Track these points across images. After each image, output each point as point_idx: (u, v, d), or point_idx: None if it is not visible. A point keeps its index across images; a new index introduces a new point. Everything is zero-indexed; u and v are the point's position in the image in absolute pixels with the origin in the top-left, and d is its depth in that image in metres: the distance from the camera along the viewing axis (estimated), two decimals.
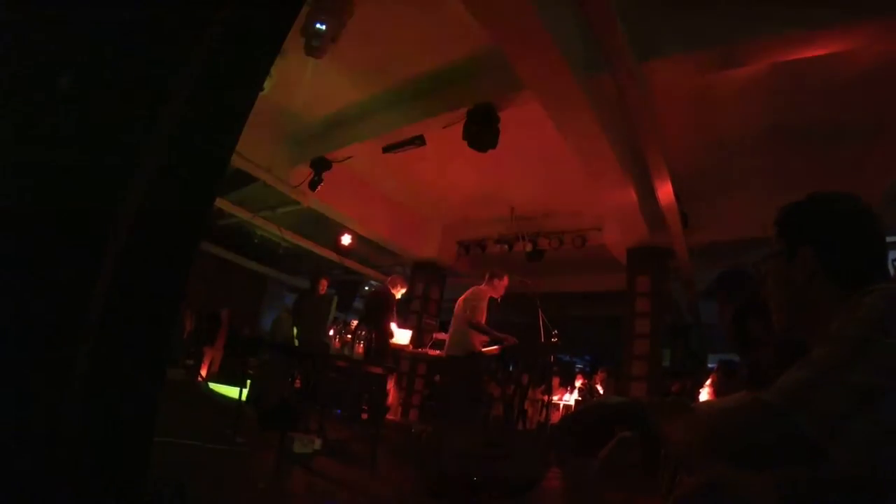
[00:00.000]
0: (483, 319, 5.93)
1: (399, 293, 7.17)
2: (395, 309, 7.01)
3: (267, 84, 5.73)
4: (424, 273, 11.17)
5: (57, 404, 1.06)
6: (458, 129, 5.94)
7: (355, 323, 6.00)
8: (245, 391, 6.77)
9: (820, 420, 0.85)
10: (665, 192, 6.78)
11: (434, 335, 8.76)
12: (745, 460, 0.90)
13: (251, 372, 7.61)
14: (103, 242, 1.13)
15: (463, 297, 6.22)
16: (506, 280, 6.32)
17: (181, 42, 1.24)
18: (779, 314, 1.23)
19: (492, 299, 6.15)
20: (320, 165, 7.88)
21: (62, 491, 1.03)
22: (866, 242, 1.13)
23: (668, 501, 0.83)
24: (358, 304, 15.01)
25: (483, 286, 6.25)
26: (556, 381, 10.53)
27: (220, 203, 9.14)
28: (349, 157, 7.82)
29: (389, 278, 7.30)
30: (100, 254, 1.12)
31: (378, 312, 6.84)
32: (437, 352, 7.63)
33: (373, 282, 14.08)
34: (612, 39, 4.37)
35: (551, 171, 7.83)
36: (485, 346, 5.96)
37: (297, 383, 6.89)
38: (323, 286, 7.16)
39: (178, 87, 1.24)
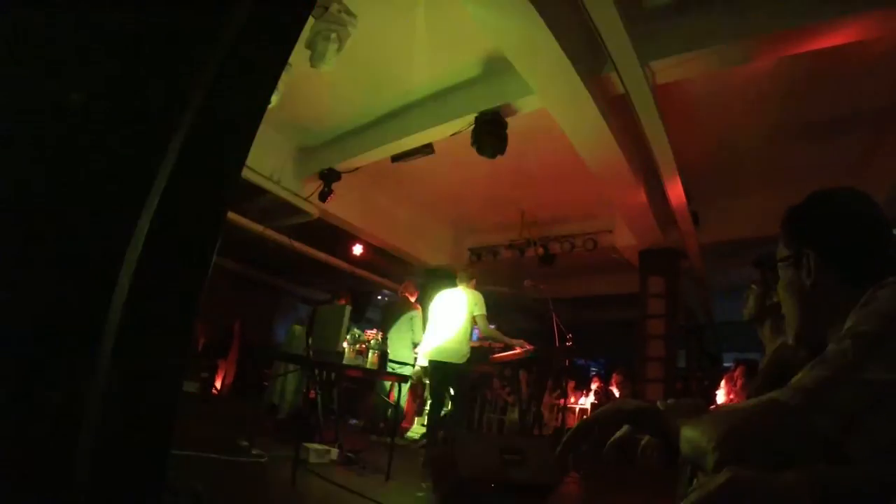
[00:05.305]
0: None
1: (413, 298, 7.15)
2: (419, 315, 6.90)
3: (274, 98, 5.77)
4: (437, 281, 11.16)
5: (72, 416, 1.06)
6: (467, 136, 5.96)
7: (369, 332, 5.98)
8: (260, 402, 6.79)
9: (837, 419, 0.84)
10: (675, 192, 6.75)
11: None
12: (765, 462, 0.89)
13: (266, 383, 7.63)
14: (115, 255, 1.14)
15: (454, 296, 5.74)
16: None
17: (187, 57, 1.25)
18: (793, 320, 1.22)
19: None
20: (330, 176, 7.94)
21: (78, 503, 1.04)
22: (869, 237, 1.10)
23: (688, 501, 0.82)
24: (371, 314, 15.03)
25: (472, 287, 5.80)
26: (571, 384, 10.48)
27: (230, 216, 9.20)
28: (358, 168, 7.85)
29: (402, 285, 7.28)
30: (113, 268, 1.13)
31: (391, 322, 6.82)
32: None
33: (386, 291, 14.10)
34: (616, 41, 4.37)
35: (561, 175, 7.82)
36: (497, 353, 5.91)
37: (312, 394, 6.90)
38: (342, 299, 7.18)
39: (185, 104, 1.25)
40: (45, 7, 1.12)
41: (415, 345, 6.83)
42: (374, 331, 6.06)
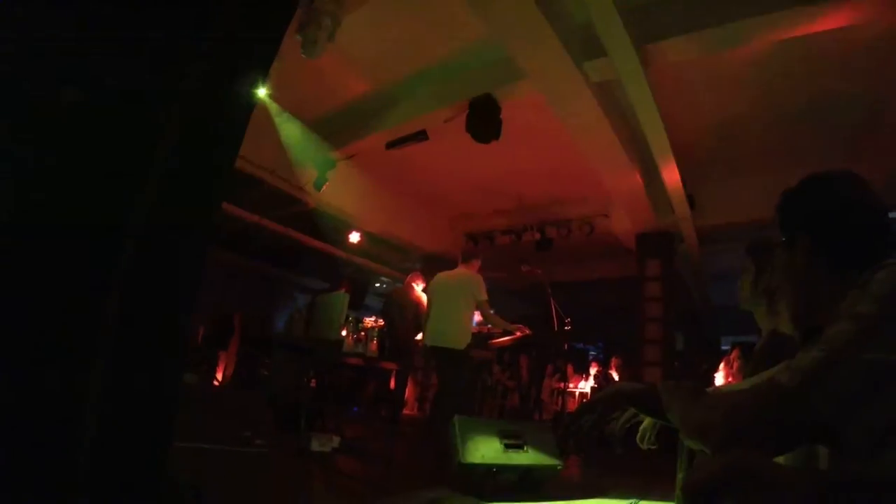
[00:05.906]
0: None
1: (419, 287, 7.15)
2: (417, 304, 6.88)
3: (267, 87, 5.75)
4: (434, 267, 11.14)
5: (74, 410, 1.07)
6: (461, 121, 5.93)
7: (368, 320, 5.96)
8: (261, 392, 6.81)
9: (835, 401, 0.84)
10: (671, 175, 6.75)
11: None
12: (763, 443, 0.89)
13: (266, 373, 7.64)
14: (113, 250, 1.14)
15: (455, 279, 5.53)
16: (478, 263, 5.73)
17: (179, 47, 1.24)
18: (788, 303, 1.21)
19: None
20: (324, 164, 7.90)
21: (81, 497, 1.04)
22: (864, 221, 1.10)
23: (686, 483, 0.82)
24: (370, 301, 15.04)
25: (472, 268, 5.61)
26: (570, 368, 10.52)
27: (226, 206, 9.15)
28: (353, 155, 7.82)
29: (409, 276, 7.27)
30: (111, 262, 1.13)
31: (394, 311, 6.80)
32: None
33: (384, 278, 14.09)
34: (610, 25, 4.34)
35: (556, 160, 7.80)
36: (496, 338, 5.89)
37: (313, 383, 6.92)
38: (340, 288, 7.17)
39: (179, 93, 1.24)
40: (46, 6, 1.11)
41: (418, 331, 6.83)
42: (373, 318, 6.05)
